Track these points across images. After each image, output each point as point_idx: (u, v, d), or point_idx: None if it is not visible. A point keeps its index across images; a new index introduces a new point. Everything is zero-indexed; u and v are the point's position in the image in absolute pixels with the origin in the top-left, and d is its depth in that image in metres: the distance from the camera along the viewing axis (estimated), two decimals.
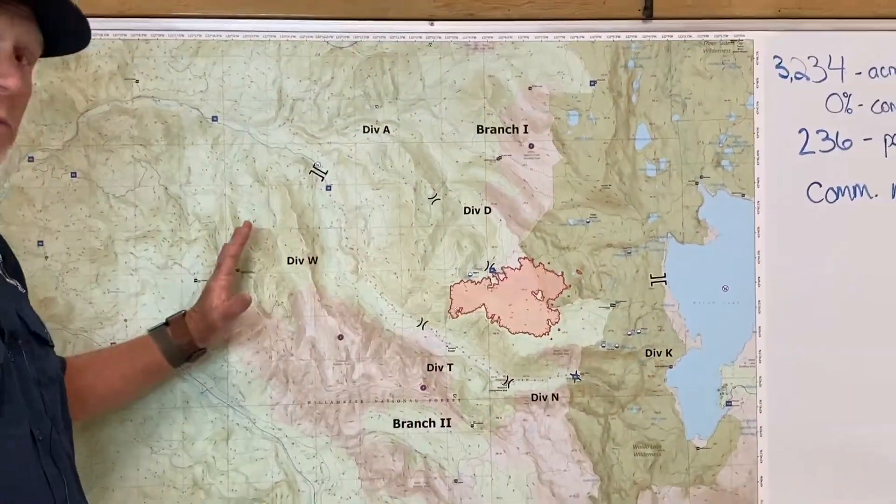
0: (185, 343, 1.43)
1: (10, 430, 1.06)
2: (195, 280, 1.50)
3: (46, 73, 1.47)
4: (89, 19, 1.17)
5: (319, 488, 1.52)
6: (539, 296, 1.56)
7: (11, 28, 1.07)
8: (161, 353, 1.42)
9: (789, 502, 1.58)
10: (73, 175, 1.49)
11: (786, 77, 1.58)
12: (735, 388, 1.57)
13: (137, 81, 1.50)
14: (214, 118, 1.52)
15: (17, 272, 1.25)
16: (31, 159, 1.47)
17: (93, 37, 1.20)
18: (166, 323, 1.45)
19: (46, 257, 1.48)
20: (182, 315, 1.45)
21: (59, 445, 1.14)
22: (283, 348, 1.52)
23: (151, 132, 1.51)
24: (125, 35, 1.49)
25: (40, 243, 1.48)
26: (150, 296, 1.50)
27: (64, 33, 1.16)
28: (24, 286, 1.24)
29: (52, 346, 1.22)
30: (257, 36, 1.52)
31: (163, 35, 1.51)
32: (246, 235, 1.49)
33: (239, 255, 1.47)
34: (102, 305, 1.49)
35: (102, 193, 1.50)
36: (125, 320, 1.49)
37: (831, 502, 1.59)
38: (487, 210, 1.56)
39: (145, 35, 1.50)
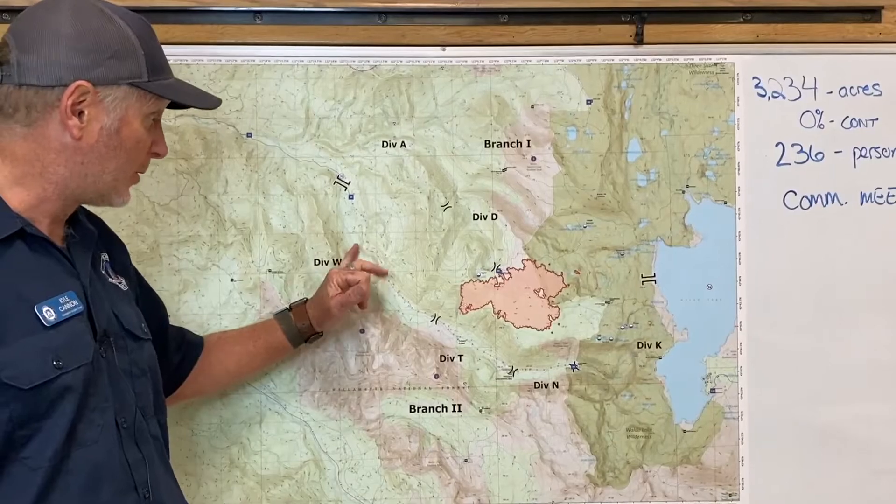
0: (305, 326, 1.53)
1: (95, 419, 1.13)
2: (231, 279, 1.61)
3: None
4: None
5: (343, 467, 1.63)
6: (541, 293, 1.65)
7: (160, 108, 1.24)
8: (283, 333, 1.53)
9: (767, 479, 1.65)
10: None
11: (764, 96, 1.65)
12: (718, 376, 1.66)
13: None
14: (249, 134, 1.62)
15: (123, 269, 1.32)
16: None
17: None
18: (290, 308, 1.56)
19: None
20: (304, 302, 1.56)
21: (144, 432, 1.21)
22: None
23: (192, 147, 1.61)
24: (169, 60, 1.53)
25: None
26: (191, 294, 1.61)
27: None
28: (128, 283, 1.31)
29: (149, 340, 1.30)
30: (287, 61, 1.62)
31: (202, 60, 1.61)
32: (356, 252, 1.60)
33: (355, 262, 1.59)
34: None
35: (149, 202, 1.61)
36: (169, 316, 1.58)
37: (806, 479, 1.66)
38: (494, 216, 1.65)
39: (186, 60, 1.60)
